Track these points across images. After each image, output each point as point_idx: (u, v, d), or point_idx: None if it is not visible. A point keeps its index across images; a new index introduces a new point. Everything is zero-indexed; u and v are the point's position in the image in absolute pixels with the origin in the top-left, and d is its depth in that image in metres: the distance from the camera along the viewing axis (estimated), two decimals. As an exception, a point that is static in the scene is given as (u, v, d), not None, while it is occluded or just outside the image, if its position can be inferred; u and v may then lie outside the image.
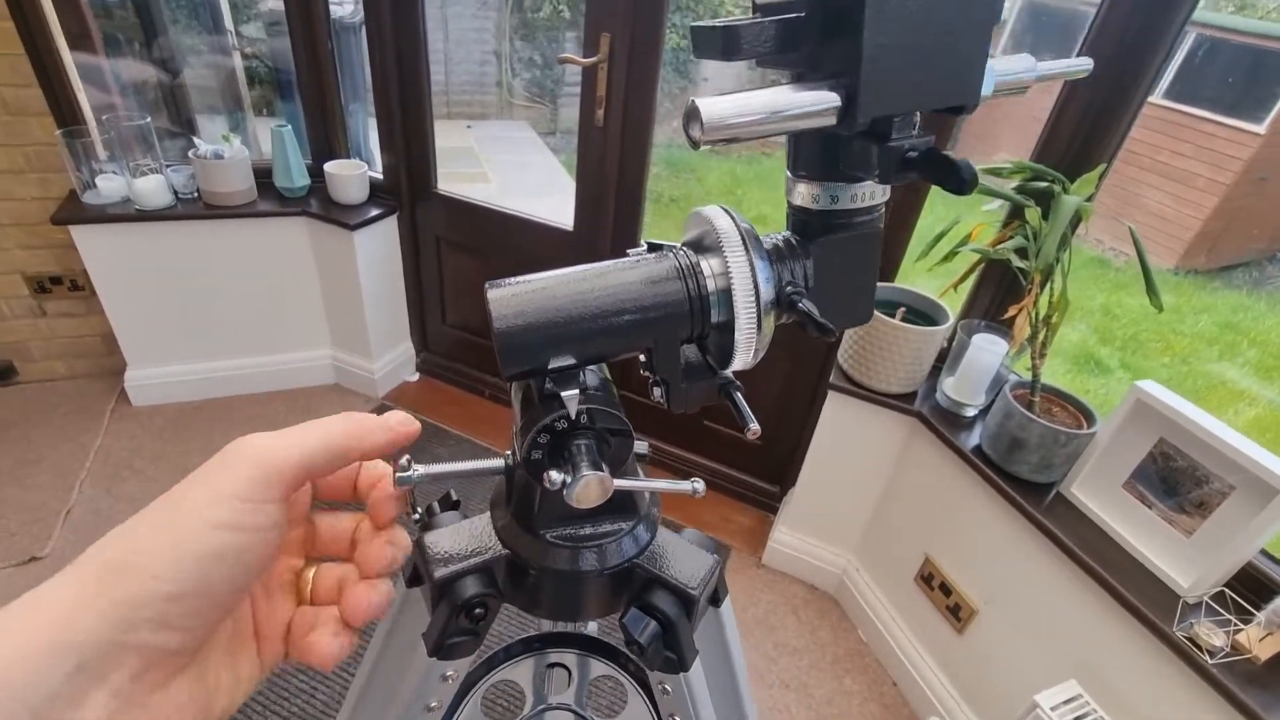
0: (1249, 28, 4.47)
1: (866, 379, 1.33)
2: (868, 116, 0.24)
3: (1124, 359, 3.52)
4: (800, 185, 0.29)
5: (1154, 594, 0.98)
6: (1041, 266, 1.06)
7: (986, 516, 1.21)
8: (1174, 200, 4.55)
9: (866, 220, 0.29)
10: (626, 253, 0.30)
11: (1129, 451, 1.05)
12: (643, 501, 0.35)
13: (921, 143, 0.25)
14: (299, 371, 2.05)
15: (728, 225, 0.29)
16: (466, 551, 0.33)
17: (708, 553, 0.35)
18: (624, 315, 0.28)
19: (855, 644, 1.52)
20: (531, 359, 0.28)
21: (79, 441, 1.77)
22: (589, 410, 0.29)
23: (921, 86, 0.24)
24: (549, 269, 0.30)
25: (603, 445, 0.30)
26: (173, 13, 2.29)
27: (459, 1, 4.62)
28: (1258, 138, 4.24)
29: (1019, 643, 1.18)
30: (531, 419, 0.29)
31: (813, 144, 0.28)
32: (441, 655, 0.32)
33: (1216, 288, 4.46)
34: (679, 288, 0.29)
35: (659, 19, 1.39)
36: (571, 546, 0.32)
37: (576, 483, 0.28)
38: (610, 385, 0.32)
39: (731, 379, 0.31)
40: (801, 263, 0.29)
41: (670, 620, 0.32)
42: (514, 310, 0.27)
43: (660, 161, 4.61)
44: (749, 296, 0.28)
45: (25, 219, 1.73)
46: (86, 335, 1.93)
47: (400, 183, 1.88)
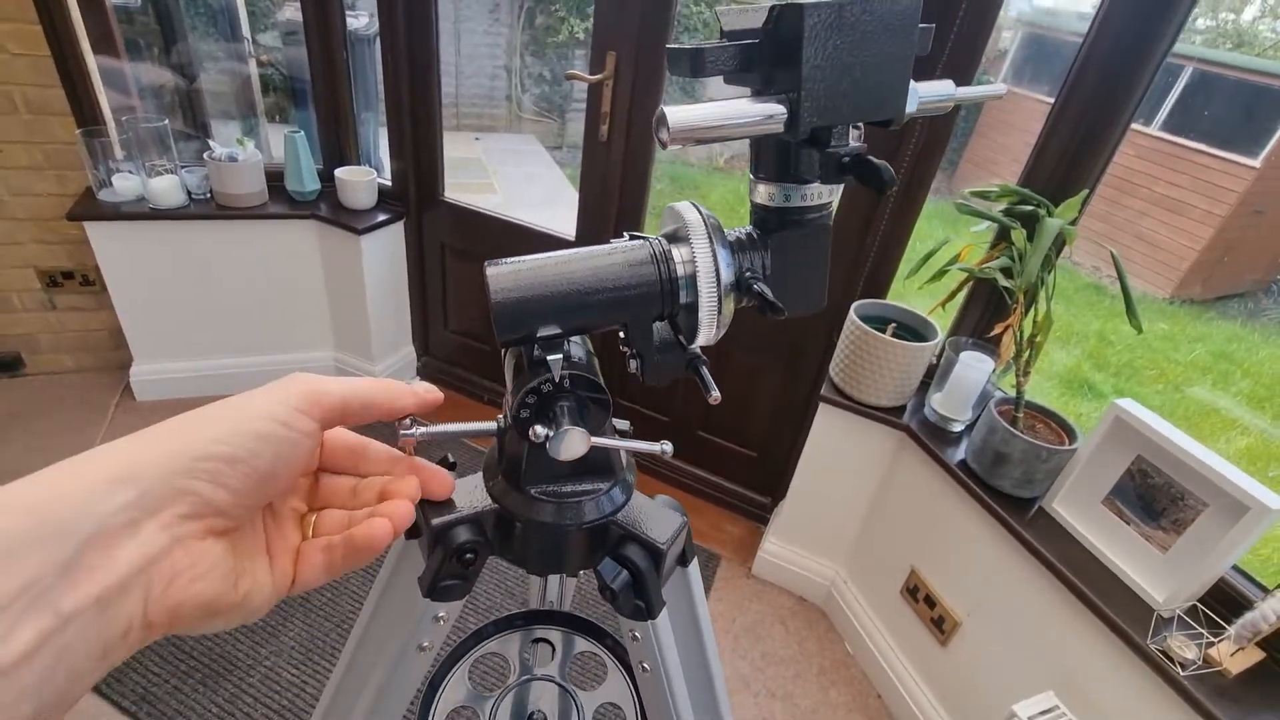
0: (1245, 64, 4.57)
1: (857, 392, 1.36)
2: (808, 126, 0.28)
3: (1117, 385, 3.55)
4: (760, 185, 0.33)
5: (1130, 608, 1.01)
6: (1025, 286, 1.09)
7: (971, 530, 1.24)
8: (1171, 230, 4.61)
9: (817, 217, 0.33)
10: (610, 241, 0.34)
11: (1108, 468, 1.08)
12: (619, 467, 0.38)
13: (853, 149, 0.29)
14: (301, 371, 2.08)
15: (696, 218, 0.33)
16: (459, 504, 0.36)
17: (678, 514, 0.38)
18: (604, 292, 0.32)
19: (841, 655, 1.53)
20: (522, 327, 0.32)
21: (83, 434, 1.80)
22: (572, 376, 0.33)
23: (853, 103, 0.29)
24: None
25: (583, 408, 0.33)
26: (192, 19, 2.35)
27: (471, 17, 4.72)
28: (1253, 171, 4.31)
29: (1000, 654, 1.20)
30: (521, 382, 0.33)
31: (770, 150, 0.32)
32: (435, 597, 0.36)
33: (1211, 317, 4.50)
34: (652, 271, 0.33)
35: (664, 38, 1.45)
36: (555, 502, 0.36)
37: (559, 436, 0.31)
38: (593, 358, 0.36)
39: (698, 354, 0.34)
40: (760, 253, 0.33)
41: (640, 571, 0.36)
42: (509, 284, 0.31)
43: (664, 177, 4.68)
44: (711, 280, 0.32)
45: (41, 214, 1.77)
46: (94, 330, 1.97)
47: (408, 190, 1.93)
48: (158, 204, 1.71)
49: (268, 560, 0.29)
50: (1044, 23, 4.77)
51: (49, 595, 0.20)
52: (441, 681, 0.47)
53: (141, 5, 2.07)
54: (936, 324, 1.34)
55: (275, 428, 0.27)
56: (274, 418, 0.27)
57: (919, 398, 1.38)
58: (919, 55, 0.28)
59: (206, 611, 0.25)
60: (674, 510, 0.38)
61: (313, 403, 0.29)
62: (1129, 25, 1.06)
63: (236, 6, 2.50)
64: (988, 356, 1.25)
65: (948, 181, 4.61)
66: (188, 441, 0.25)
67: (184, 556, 0.24)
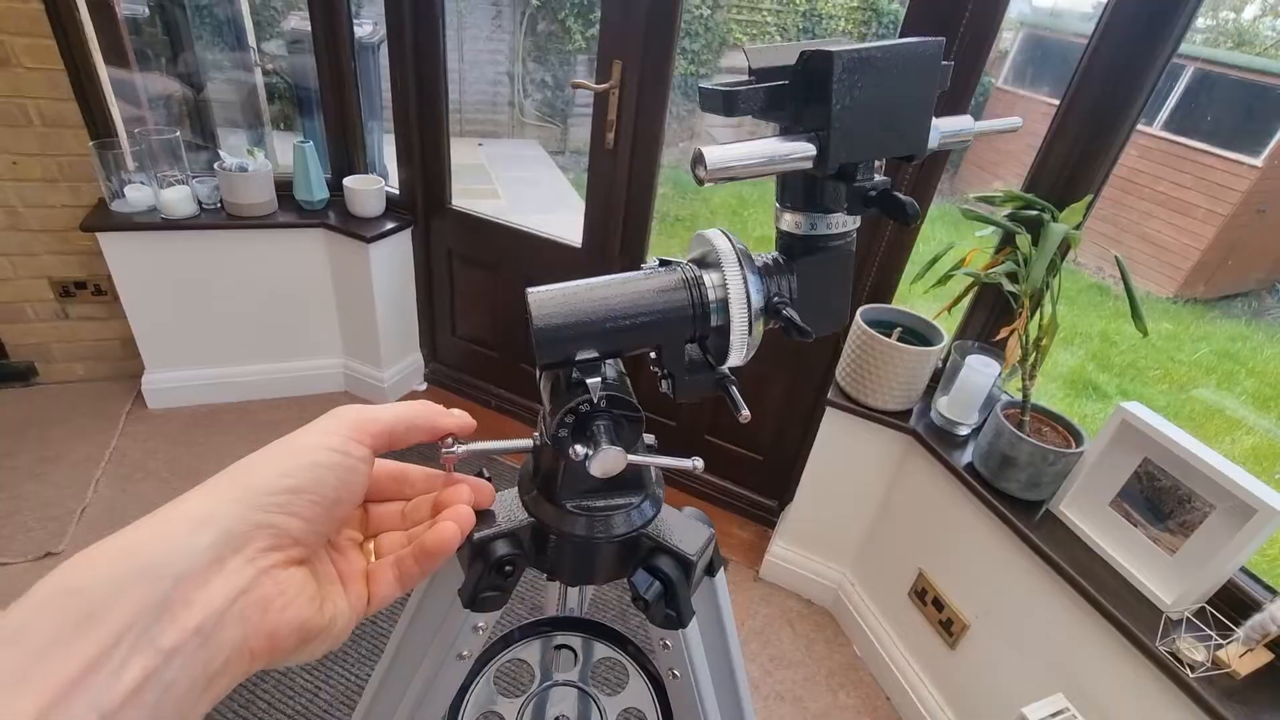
0: (1246, 63, 4.57)
1: (864, 396, 1.37)
2: (836, 163, 0.30)
3: (1121, 386, 3.56)
4: (786, 214, 0.35)
5: (1138, 610, 1.01)
6: (1030, 290, 1.10)
7: (978, 533, 1.24)
8: (1174, 230, 4.62)
9: (840, 244, 0.35)
10: (640, 266, 0.36)
11: (1115, 471, 1.08)
12: (649, 481, 0.40)
13: (880, 183, 0.31)
14: (311, 378, 2.10)
15: (726, 246, 0.35)
16: (498, 519, 0.38)
17: (705, 525, 0.40)
18: (639, 317, 0.34)
19: (850, 658, 1.54)
20: (563, 351, 0.34)
21: (96, 442, 1.82)
22: (608, 396, 0.34)
23: (878, 140, 0.30)
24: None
25: (618, 427, 0.35)
26: (198, 29, 2.38)
27: (474, 24, 4.75)
28: (1255, 170, 4.31)
29: (1009, 657, 1.21)
30: (560, 403, 0.34)
31: (796, 181, 0.34)
32: (475, 607, 0.38)
33: (1215, 317, 4.50)
34: (684, 296, 0.34)
35: (669, 47, 1.46)
36: (588, 515, 0.38)
37: (597, 455, 0.33)
38: (626, 379, 0.37)
39: (727, 374, 0.36)
40: (787, 278, 0.35)
41: (671, 581, 0.37)
42: (550, 309, 0.33)
43: (668, 182, 4.70)
44: (742, 305, 0.33)
45: (55, 225, 1.80)
46: (107, 339, 1.99)
47: (415, 197, 1.95)
48: (169, 214, 1.73)
49: (341, 586, 0.31)
50: (1045, 24, 4.77)
51: (150, 633, 0.22)
52: (470, 686, 0.49)
53: (149, 16, 2.09)
54: (942, 328, 1.35)
55: (334, 457, 0.29)
56: (331, 448, 0.29)
57: (925, 401, 1.39)
58: (939, 90, 0.29)
59: (301, 636, 0.27)
60: (701, 522, 0.40)
61: (363, 431, 0.31)
62: (1134, 26, 1.07)
63: (242, 16, 2.53)
64: (993, 360, 1.26)
65: (950, 183, 4.62)
66: (257, 480, 0.27)
67: (272, 586, 0.26)
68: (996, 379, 1.26)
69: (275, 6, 4.40)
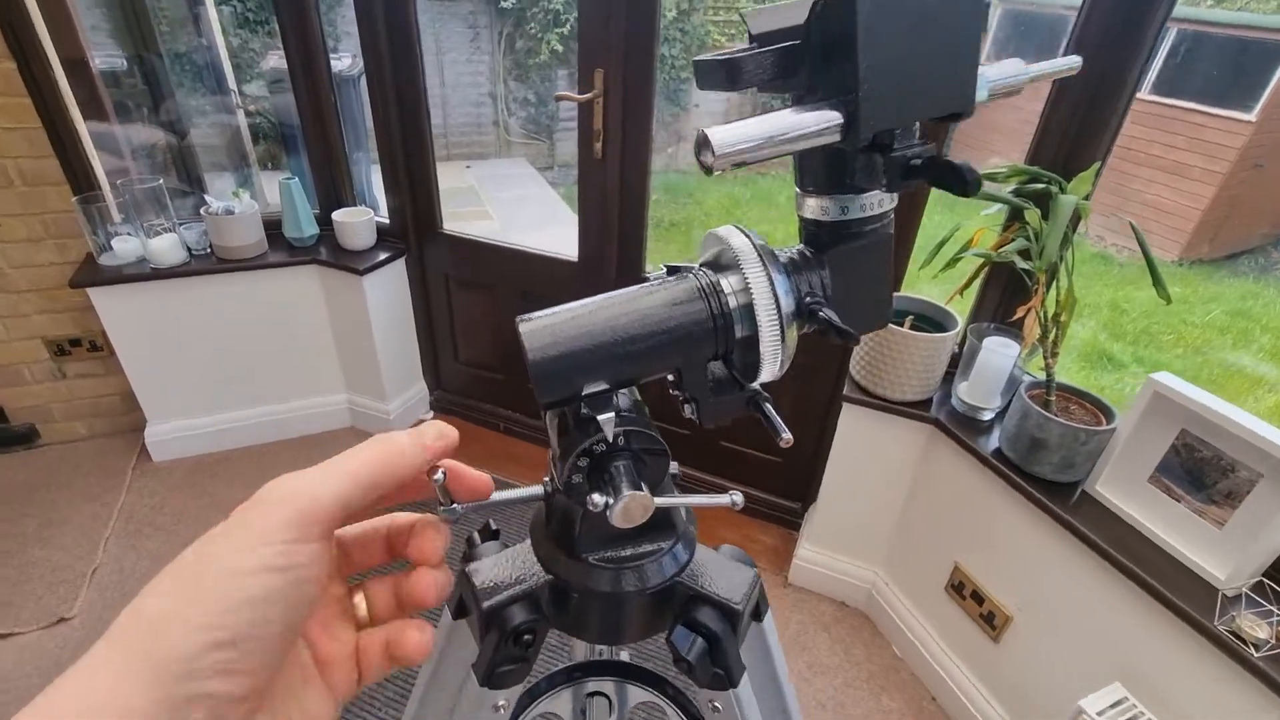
0: (1229, 19, 4.53)
1: (880, 389, 1.33)
2: (869, 132, 0.25)
3: (1136, 353, 3.50)
4: (810, 199, 0.30)
5: (1191, 589, 0.97)
6: (1045, 266, 1.06)
7: (1012, 520, 1.20)
8: (1172, 193, 4.57)
9: (877, 228, 0.30)
10: (646, 277, 0.31)
11: (1151, 445, 1.04)
12: (680, 520, 0.35)
13: (924, 150, 0.26)
14: (315, 417, 2.07)
15: (743, 243, 0.30)
16: (511, 580, 0.34)
17: (747, 566, 0.35)
18: (651, 338, 0.29)
19: (890, 659, 1.49)
20: (566, 386, 0.29)
21: (102, 501, 1.78)
22: (625, 432, 0.30)
23: (918, 98, 0.25)
24: (558, 301, 0.31)
25: (640, 465, 0.30)
26: (178, 77, 2.37)
27: (453, 48, 4.76)
28: (1249, 125, 4.27)
29: (1058, 648, 1.16)
30: (569, 444, 0.30)
31: (818, 160, 0.29)
32: (493, 684, 0.33)
33: (1223, 276, 4.45)
34: (701, 307, 0.30)
35: (650, 51, 1.43)
36: (613, 568, 0.33)
37: (618, 503, 0.28)
38: (642, 407, 0.33)
39: (759, 390, 0.32)
40: (818, 273, 0.30)
41: (716, 635, 0.33)
42: (546, 341, 0.28)
43: (658, 187, 4.68)
44: (770, 309, 0.29)
45: (44, 284, 1.77)
46: (106, 395, 1.97)
47: (406, 225, 1.92)
48: (159, 263, 1.70)
49: (320, 680, 0.26)
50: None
51: None
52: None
53: (128, 68, 2.08)
54: (955, 312, 1.31)
55: (273, 580, 0.22)
56: (267, 566, 0.22)
57: (945, 389, 1.35)
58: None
59: None
60: (742, 562, 0.36)
61: (306, 522, 0.24)
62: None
63: (221, 60, 2.52)
64: (1012, 340, 1.22)
65: (942, 165, 4.58)
66: (174, 643, 0.20)
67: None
68: (1016, 359, 1.22)
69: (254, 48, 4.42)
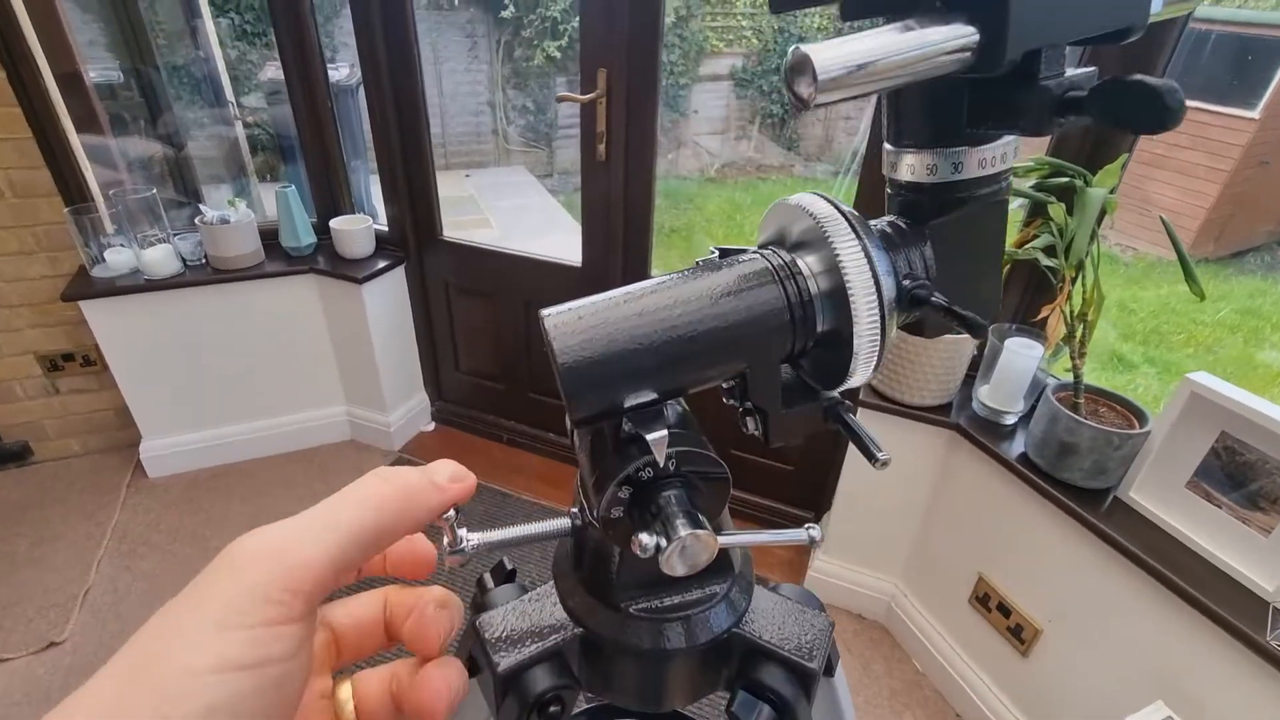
0: (1230, 16, 4.51)
1: (897, 393, 1.28)
2: (1018, 51, 0.19)
3: (1147, 353, 3.46)
4: (908, 157, 0.24)
5: (1237, 600, 0.91)
6: (1074, 262, 1.02)
7: (1040, 528, 1.15)
8: (1176, 191, 4.53)
9: (992, 190, 0.24)
10: (696, 263, 0.26)
11: (1189, 448, 0.99)
12: (736, 557, 0.30)
13: (1082, 77, 0.20)
14: (314, 430, 2.02)
15: (828, 209, 0.24)
16: (532, 634, 0.27)
17: (816, 610, 0.30)
18: (714, 334, 0.23)
19: (912, 675, 1.43)
20: (607, 397, 0.23)
21: (96, 520, 1.73)
22: (676, 453, 0.24)
23: (1080, 6, 0.20)
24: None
25: (695, 494, 0.25)
26: (176, 89, 2.35)
27: (451, 57, 4.75)
28: (1253, 123, 4.24)
29: (1093, 663, 1.10)
30: (608, 470, 0.24)
31: (922, 102, 0.23)
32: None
33: (1230, 274, 4.41)
34: (776, 294, 0.24)
35: (654, 48, 1.40)
36: (657, 619, 0.27)
37: (674, 545, 0.22)
38: (692, 419, 0.27)
39: (839, 399, 0.26)
40: (918, 249, 0.24)
41: (787, 702, 0.27)
42: (581, 340, 0.23)
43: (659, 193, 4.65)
44: (869, 294, 0.23)
45: (36, 298, 1.73)
46: (100, 410, 1.92)
47: (406, 233, 1.88)
48: (152, 275, 1.66)
49: None
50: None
51: None
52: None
53: (124, 80, 2.06)
54: (974, 313, 1.26)
55: (240, 681, 0.17)
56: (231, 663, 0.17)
57: (965, 392, 1.30)
58: None
59: None
60: (811, 607, 0.30)
61: (285, 594, 0.18)
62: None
63: (219, 72, 2.50)
64: (1035, 341, 1.18)
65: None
66: None
67: None
68: (1040, 360, 1.18)
69: (252, 60, 4.41)
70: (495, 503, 1.83)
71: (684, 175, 5.02)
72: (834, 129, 5.04)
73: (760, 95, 4.92)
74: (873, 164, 1.39)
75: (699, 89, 4.87)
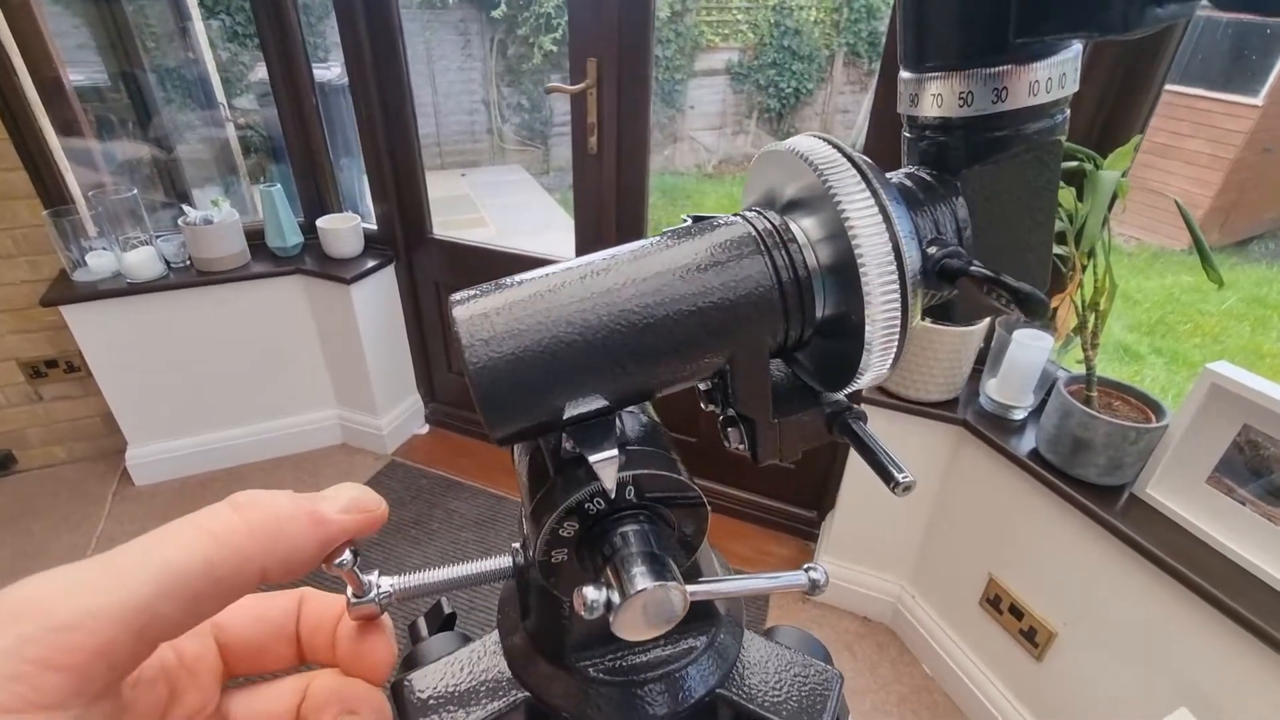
0: (1232, 3, 4.46)
1: (901, 389, 1.24)
2: None
3: (1153, 344, 3.40)
4: (932, 84, 0.18)
5: (1264, 600, 0.87)
6: (1086, 249, 0.97)
7: (1053, 527, 1.10)
8: (1179, 180, 4.49)
9: (1045, 125, 0.18)
10: (664, 232, 0.20)
11: (1210, 443, 0.94)
12: (721, 600, 0.24)
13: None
14: (305, 434, 1.98)
15: (831, 154, 0.18)
16: (468, 697, 0.22)
17: (820, 662, 0.24)
18: (677, 321, 0.18)
19: (920, 679, 1.39)
20: (534, 407, 0.18)
21: (81, 530, 1.69)
22: (635, 477, 0.19)
23: None
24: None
25: (660, 531, 0.19)
26: (167, 92, 2.32)
27: (444, 56, 4.70)
28: (1256, 109, 4.18)
29: (1111, 668, 1.06)
30: (547, 501, 0.19)
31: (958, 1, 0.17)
32: None
33: (1235, 263, 4.36)
34: (760, 267, 0.18)
35: (646, 37, 1.35)
36: (622, 682, 0.21)
37: (629, 604, 0.17)
38: (660, 431, 0.22)
39: (849, 405, 0.21)
40: (948, 207, 0.19)
41: None
42: (503, 332, 0.18)
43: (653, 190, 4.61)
44: (886, 266, 0.17)
45: (16, 303, 1.69)
46: (85, 417, 1.88)
47: (395, 232, 1.84)
48: (135, 278, 1.62)
49: None
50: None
51: None
52: None
53: (112, 84, 2.02)
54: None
55: None
56: None
57: (972, 386, 1.26)
58: None
59: None
60: (815, 655, 0.24)
61: (48, 667, 0.13)
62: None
63: (209, 74, 2.46)
64: (1044, 333, 1.13)
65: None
66: None
67: None
68: (1050, 353, 1.13)
69: (243, 62, 4.36)
70: (489, 506, 1.79)
71: (680, 171, 4.97)
72: (831, 123, 4.98)
73: (757, 90, 4.87)
74: (872, 157, 1.34)
75: (695, 84, 4.82)
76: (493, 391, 0.18)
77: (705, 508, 0.21)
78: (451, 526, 1.73)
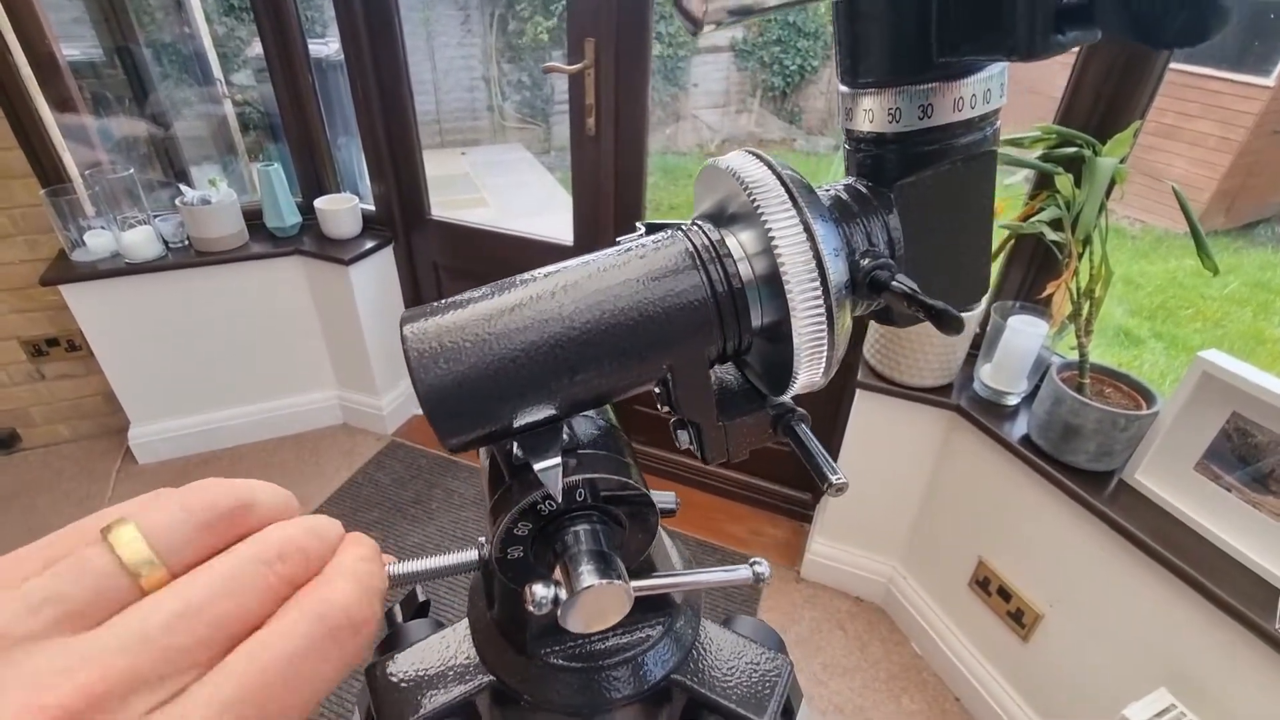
0: (1247, -20, 4.36)
1: (896, 374, 1.24)
2: None
3: (1154, 328, 3.40)
4: (866, 99, 0.19)
5: (1245, 586, 0.88)
6: (1082, 236, 0.97)
7: (1042, 512, 1.12)
8: (1186, 162, 4.43)
9: (974, 139, 0.19)
10: (617, 241, 0.21)
11: (1199, 430, 0.95)
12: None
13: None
14: (306, 414, 2.00)
15: (761, 173, 0.19)
16: (441, 679, 0.23)
17: (774, 651, 0.26)
18: (615, 333, 0.19)
19: (910, 658, 1.42)
20: (483, 419, 0.19)
21: (85, 507, 1.72)
22: (586, 481, 0.20)
23: None
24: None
25: (611, 530, 0.20)
26: (164, 68, 2.29)
27: (443, 32, 4.63)
28: (1267, 90, 4.11)
29: (1095, 649, 1.08)
30: (504, 501, 0.20)
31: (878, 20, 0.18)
32: None
33: (1240, 247, 4.32)
34: (696, 282, 0.20)
35: (644, 17, 1.33)
36: (582, 668, 0.23)
37: (575, 600, 0.18)
38: (616, 433, 0.23)
39: (792, 407, 0.22)
40: (880, 219, 0.20)
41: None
42: (446, 348, 0.19)
43: (655, 170, 4.56)
44: (809, 280, 0.18)
45: (15, 283, 1.70)
46: (87, 395, 1.90)
47: (393, 212, 1.83)
48: (133, 258, 1.62)
49: None
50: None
51: None
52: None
53: (108, 59, 2.00)
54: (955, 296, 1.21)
55: None
56: None
57: (966, 372, 1.26)
58: None
59: None
60: (770, 645, 0.26)
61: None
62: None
63: (205, 50, 2.43)
64: (1039, 319, 1.13)
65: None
66: None
67: None
68: (1045, 339, 1.14)
69: (240, 37, 4.30)
70: (478, 500, 1.81)
71: (683, 151, 4.92)
72: (835, 101, 4.92)
73: (761, 67, 4.79)
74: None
75: (698, 61, 4.75)
76: (441, 407, 0.19)
77: (654, 508, 0.22)
78: (451, 505, 1.75)
